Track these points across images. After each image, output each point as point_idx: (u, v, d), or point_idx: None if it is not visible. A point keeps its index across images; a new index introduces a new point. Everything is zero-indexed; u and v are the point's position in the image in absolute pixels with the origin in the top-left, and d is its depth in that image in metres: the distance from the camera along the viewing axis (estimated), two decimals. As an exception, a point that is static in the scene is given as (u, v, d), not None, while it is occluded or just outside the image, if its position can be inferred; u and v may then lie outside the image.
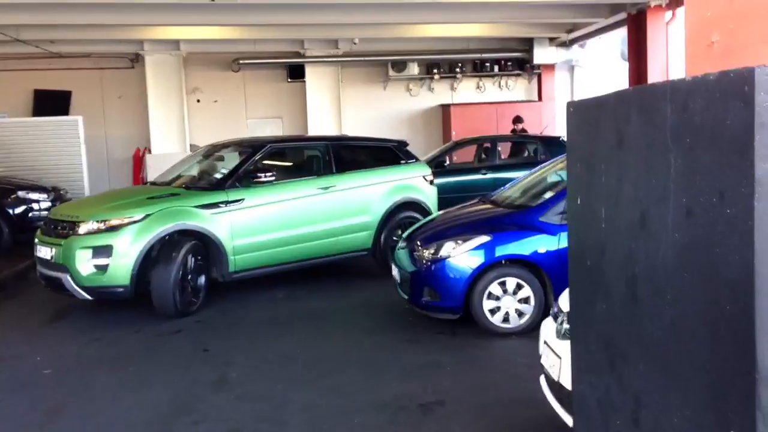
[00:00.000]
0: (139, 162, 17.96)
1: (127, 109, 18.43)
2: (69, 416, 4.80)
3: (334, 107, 19.06)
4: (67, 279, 6.80)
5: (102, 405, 4.95)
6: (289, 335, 6.47)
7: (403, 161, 9.09)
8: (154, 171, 13.87)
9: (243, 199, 7.43)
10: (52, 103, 17.40)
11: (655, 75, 13.21)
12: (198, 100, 18.90)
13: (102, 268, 6.73)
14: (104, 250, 6.71)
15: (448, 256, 6.12)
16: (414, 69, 19.01)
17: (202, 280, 7.23)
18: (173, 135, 17.92)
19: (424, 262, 6.26)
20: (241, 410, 4.77)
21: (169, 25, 15.45)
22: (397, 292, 6.79)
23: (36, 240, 7.44)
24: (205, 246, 7.20)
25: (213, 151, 8.85)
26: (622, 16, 14.15)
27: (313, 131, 18.92)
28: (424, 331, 6.36)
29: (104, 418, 4.74)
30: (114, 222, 6.83)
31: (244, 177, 7.61)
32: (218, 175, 7.99)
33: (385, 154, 9.12)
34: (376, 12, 14.29)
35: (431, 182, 9.13)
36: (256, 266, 7.55)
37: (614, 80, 16.78)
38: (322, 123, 18.96)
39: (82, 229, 6.85)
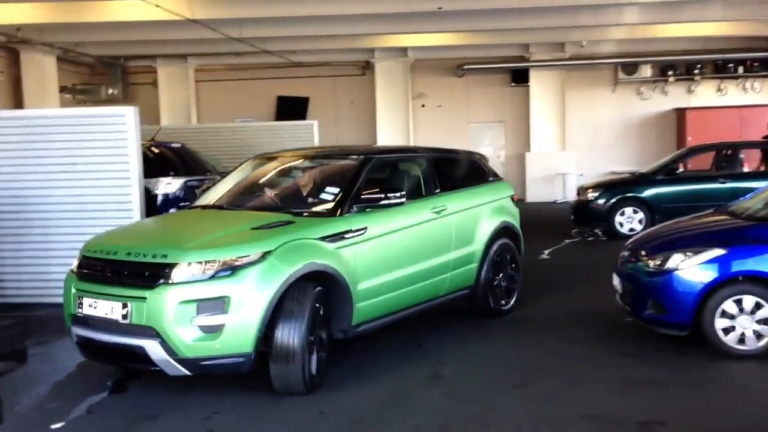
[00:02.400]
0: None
1: (357, 113, 19.50)
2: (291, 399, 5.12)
3: (557, 111, 18.68)
4: (156, 348, 4.75)
5: (321, 394, 5.25)
6: (502, 339, 6.43)
7: (491, 178, 7.68)
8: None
9: (365, 228, 5.65)
10: (292, 108, 18.94)
11: None
12: (423, 105, 19.48)
13: (213, 331, 4.74)
14: (216, 305, 4.74)
15: (676, 269, 5.71)
16: (646, 71, 18.07)
17: (324, 337, 5.34)
18: (398, 138, 18.62)
19: (649, 273, 5.91)
20: (450, 408, 4.82)
21: (398, 34, 16.10)
22: (617, 303, 6.48)
23: (76, 289, 5.19)
24: (329, 292, 5.36)
25: (269, 165, 6.89)
26: None
27: (535, 136, 18.72)
28: (645, 345, 6.00)
29: (325, 407, 5.02)
30: (227, 261, 4.83)
31: (357, 198, 5.80)
32: (326, 195, 6.14)
33: (472, 169, 7.59)
34: (605, 13, 13.78)
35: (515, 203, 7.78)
36: (378, 315, 5.83)
37: None
38: (544, 127, 18.68)
39: (179, 273, 4.79)
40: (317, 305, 5.14)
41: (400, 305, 6.04)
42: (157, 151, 10.42)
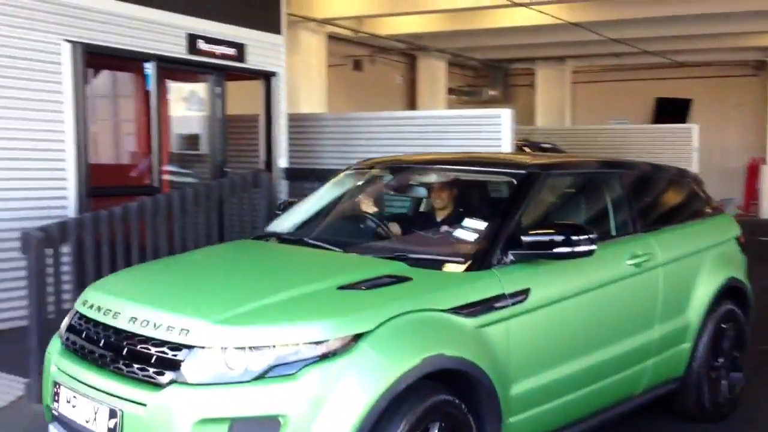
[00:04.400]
0: (753, 173, 17.44)
1: (745, 117, 17.98)
2: None
3: None
4: None
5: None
6: None
7: (708, 210, 5.15)
8: None
9: (528, 291, 3.40)
10: (671, 110, 18.20)
11: None
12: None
13: None
14: (262, 428, 2.64)
15: None
16: None
17: None
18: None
19: None
20: None
21: (803, 29, 14.45)
22: None
23: (57, 367, 3.17)
24: (466, 399, 3.07)
25: (377, 179, 4.75)
26: None
27: None
28: None
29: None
30: (289, 349, 2.71)
31: (515, 241, 3.47)
32: (462, 233, 3.71)
33: (686, 196, 5.12)
34: None
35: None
36: None
37: None
38: None
39: (203, 365, 2.71)
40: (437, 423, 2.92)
41: (575, 416, 3.71)
42: (528, 150, 11.02)
